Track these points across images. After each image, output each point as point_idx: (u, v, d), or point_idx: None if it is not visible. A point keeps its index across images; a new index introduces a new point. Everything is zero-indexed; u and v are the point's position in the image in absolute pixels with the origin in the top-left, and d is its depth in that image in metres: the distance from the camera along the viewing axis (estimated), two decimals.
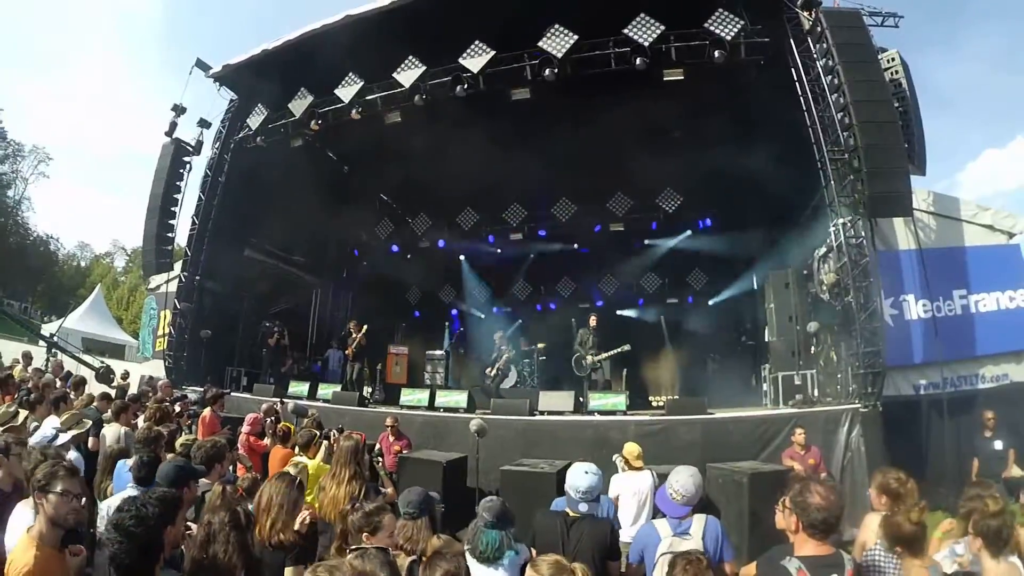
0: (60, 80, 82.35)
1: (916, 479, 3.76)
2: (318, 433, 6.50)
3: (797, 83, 10.13)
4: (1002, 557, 3.22)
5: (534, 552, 3.90)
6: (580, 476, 3.89)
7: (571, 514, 3.89)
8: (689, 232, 16.53)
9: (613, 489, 5.90)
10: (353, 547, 2.74)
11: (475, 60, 11.18)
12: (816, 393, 9.84)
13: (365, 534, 3.04)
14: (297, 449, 6.38)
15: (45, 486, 2.94)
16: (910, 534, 3.01)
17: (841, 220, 9.32)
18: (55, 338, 15.27)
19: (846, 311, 9.27)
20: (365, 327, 14.05)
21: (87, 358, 14.92)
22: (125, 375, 14.34)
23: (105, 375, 13.44)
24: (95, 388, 10.02)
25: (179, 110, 14.20)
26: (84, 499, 3.07)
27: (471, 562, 3.25)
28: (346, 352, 14.40)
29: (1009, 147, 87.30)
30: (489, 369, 13.64)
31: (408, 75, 11.65)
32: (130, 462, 4.70)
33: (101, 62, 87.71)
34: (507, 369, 13.84)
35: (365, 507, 3.22)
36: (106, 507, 3.98)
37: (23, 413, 5.67)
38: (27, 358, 13.31)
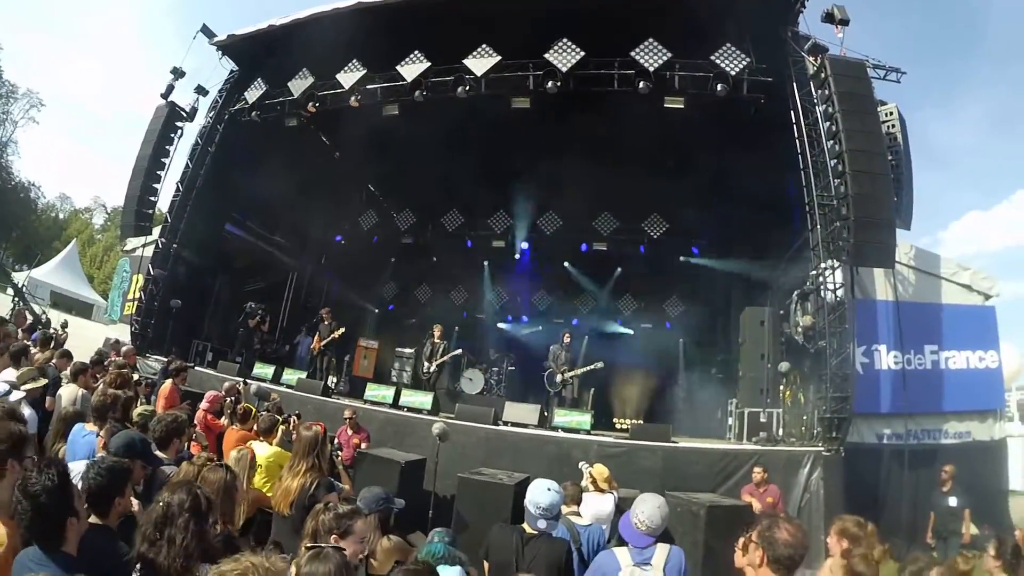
0: (62, 31, 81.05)
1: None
2: (279, 419, 6.38)
3: (794, 125, 10.14)
4: None
5: (486, 566, 3.83)
6: (542, 493, 3.77)
7: (528, 531, 3.80)
8: (672, 258, 16.52)
9: None
10: (309, 545, 2.61)
11: (480, 62, 11.17)
12: (780, 432, 9.88)
13: (334, 536, 2.93)
14: (256, 431, 6.23)
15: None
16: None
17: (823, 265, 9.34)
18: (24, 288, 15.00)
19: (818, 354, 9.30)
20: (343, 329, 13.60)
21: (34, 305, 14.66)
22: (64, 324, 13.94)
23: (46, 323, 13.22)
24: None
25: (178, 73, 14.00)
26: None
27: None
28: (311, 347, 14.03)
29: (993, 211, 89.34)
30: (427, 364, 13.13)
31: (411, 69, 11.60)
32: (86, 427, 4.59)
33: (107, 17, 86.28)
34: (453, 364, 13.73)
35: (338, 508, 3.10)
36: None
37: None
38: None
